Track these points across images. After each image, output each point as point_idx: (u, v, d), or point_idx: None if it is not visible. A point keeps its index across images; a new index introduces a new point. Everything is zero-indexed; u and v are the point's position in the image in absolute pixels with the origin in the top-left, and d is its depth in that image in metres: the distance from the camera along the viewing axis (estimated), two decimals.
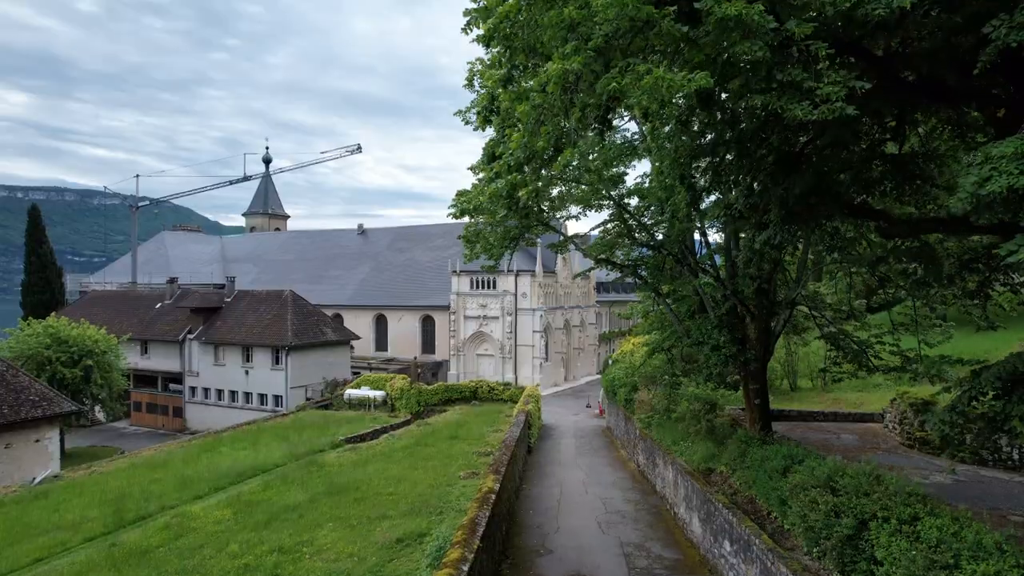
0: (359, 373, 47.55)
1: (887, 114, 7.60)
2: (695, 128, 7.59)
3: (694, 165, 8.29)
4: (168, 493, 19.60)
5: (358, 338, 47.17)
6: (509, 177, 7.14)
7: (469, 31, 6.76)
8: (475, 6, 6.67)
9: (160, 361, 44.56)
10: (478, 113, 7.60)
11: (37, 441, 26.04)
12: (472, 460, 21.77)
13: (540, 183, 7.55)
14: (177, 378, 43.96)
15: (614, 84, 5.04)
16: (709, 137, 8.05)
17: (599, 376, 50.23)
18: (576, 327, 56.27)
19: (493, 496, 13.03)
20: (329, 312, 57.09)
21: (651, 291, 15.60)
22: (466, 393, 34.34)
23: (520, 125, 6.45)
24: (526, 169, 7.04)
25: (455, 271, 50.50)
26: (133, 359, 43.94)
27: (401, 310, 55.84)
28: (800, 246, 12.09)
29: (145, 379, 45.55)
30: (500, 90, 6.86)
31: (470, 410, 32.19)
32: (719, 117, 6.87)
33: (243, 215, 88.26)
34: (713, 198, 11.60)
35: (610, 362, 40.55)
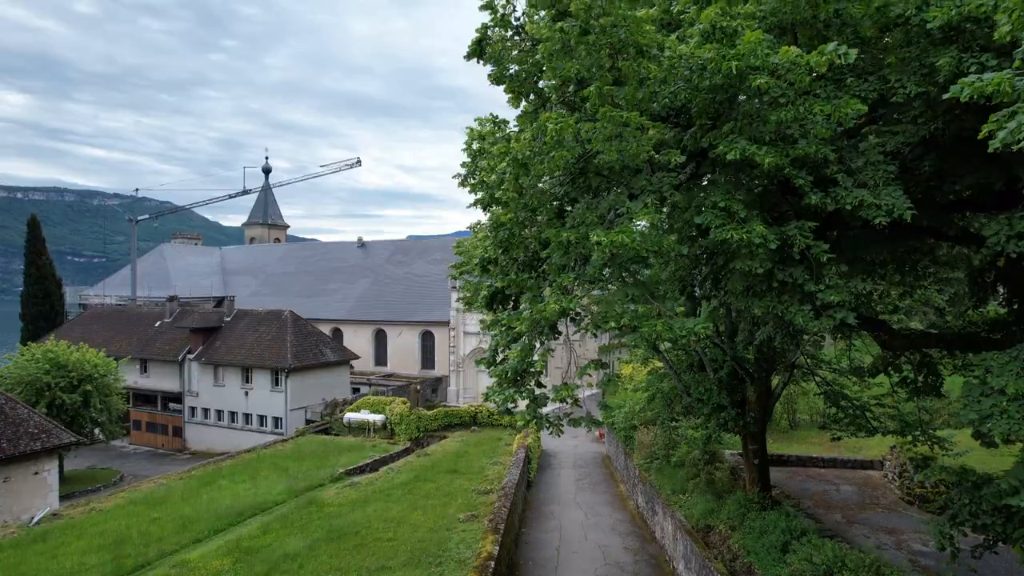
0: (359, 390, 47.55)
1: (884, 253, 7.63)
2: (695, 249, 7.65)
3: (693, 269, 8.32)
4: (167, 536, 19.56)
5: (357, 358, 47.16)
6: (506, 393, 7.23)
7: (465, 186, 6.85)
8: (466, 174, 6.75)
9: (159, 380, 44.51)
10: (477, 265, 7.68)
11: (36, 473, 26.02)
12: (471, 499, 21.73)
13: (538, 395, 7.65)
14: (177, 398, 43.92)
15: (612, 323, 5.10)
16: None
17: (599, 391, 50.16)
18: (576, 341, 56.28)
19: (492, 563, 13.04)
20: (328, 326, 57.14)
21: (650, 347, 15.57)
22: (465, 419, 34.31)
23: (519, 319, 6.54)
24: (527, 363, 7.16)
25: (455, 286, 50.50)
26: (132, 377, 43.93)
27: (400, 325, 55.80)
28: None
29: (144, 398, 45.51)
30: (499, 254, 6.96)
31: (470, 437, 32.17)
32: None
33: (243, 225, 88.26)
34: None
35: (607, 381, 40.52)
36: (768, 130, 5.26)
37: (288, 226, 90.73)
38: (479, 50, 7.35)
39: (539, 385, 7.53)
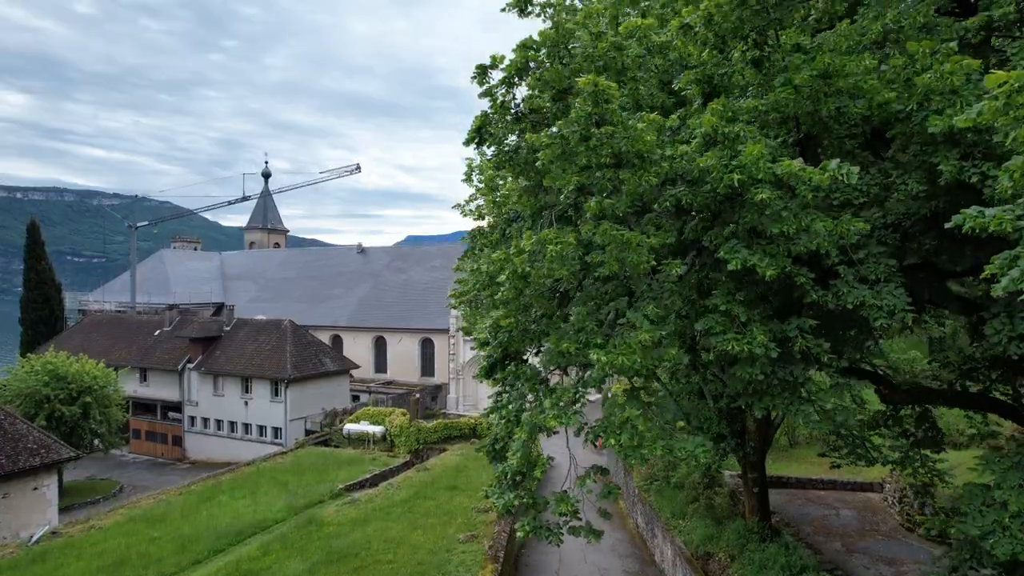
0: (358, 397, 47.55)
1: None
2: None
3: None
4: (167, 557, 19.53)
5: (357, 367, 47.15)
6: (506, 497, 7.27)
7: (462, 268, 6.91)
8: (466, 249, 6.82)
9: (159, 389, 44.50)
10: (476, 341, 7.74)
11: (35, 489, 26.00)
12: (471, 518, 21.72)
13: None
14: (176, 407, 43.90)
15: (611, 440, 5.14)
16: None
17: (599, 398, 50.24)
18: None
19: None
20: (328, 333, 57.13)
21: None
22: (465, 431, 34.31)
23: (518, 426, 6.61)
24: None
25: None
26: (132, 386, 43.92)
27: (400, 332, 55.77)
28: None
29: (144, 407, 45.50)
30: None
31: (469, 450, 32.10)
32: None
33: (243, 229, 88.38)
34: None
35: (609, 394, 40.65)
36: (769, 228, 5.28)
37: (288, 231, 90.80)
38: (478, 136, 7.41)
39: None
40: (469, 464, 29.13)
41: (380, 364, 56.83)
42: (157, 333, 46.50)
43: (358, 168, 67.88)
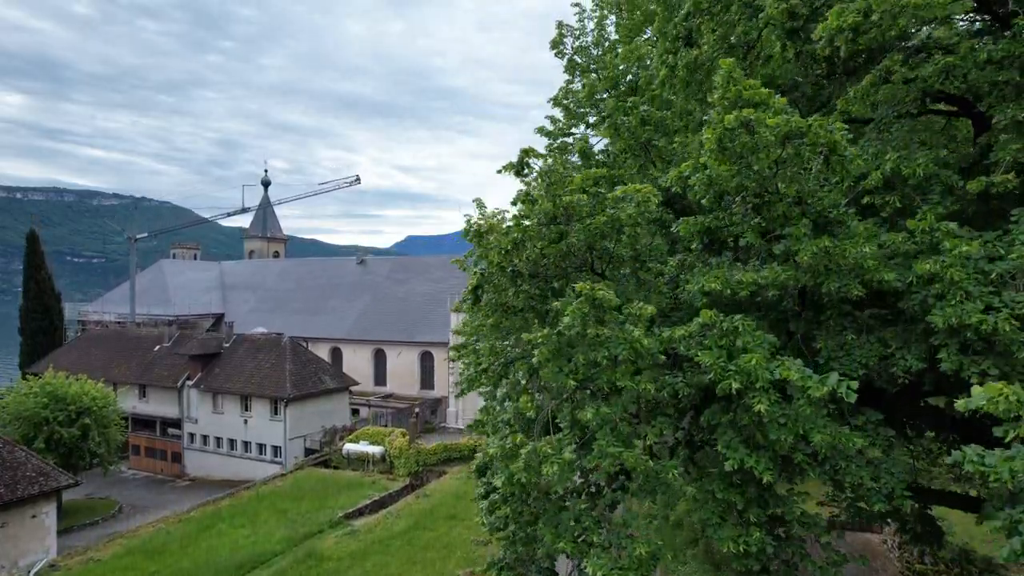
0: (358, 411, 47.55)
1: None
2: None
3: None
4: None
5: (357, 384, 47.15)
6: None
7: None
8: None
9: (158, 406, 44.47)
10: (475, 470, 7.72)
11: (34, 517, 25.93)
12: (470, 552, 21.74)
13: None
14: (176, 423, 43.86)
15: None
16: None
17: None
18: None
19: None
20: (328, 346, 57.11)
21: None
22: (465, 452, 34.25)
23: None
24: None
25: (454, 308, 50.38)
26: (131, 402, 43.92)
27: (400, 345, 55.70)
28: None
29: (143, 423, 45.46)
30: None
31: (470, 474, 32.14)
32: None
33: (242, 238, 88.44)
34: None
35: None
36: (768, 431, 5.32)
37: (287, 239, 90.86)
38: (474, 297, 7.47)
39: None
40: (468, 490, 29.03)
41: (380, 377, 56.77)
42: (157, 349, 46.46)
43: (357, 180, 67.83)
